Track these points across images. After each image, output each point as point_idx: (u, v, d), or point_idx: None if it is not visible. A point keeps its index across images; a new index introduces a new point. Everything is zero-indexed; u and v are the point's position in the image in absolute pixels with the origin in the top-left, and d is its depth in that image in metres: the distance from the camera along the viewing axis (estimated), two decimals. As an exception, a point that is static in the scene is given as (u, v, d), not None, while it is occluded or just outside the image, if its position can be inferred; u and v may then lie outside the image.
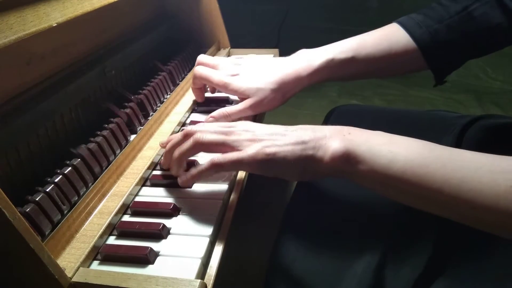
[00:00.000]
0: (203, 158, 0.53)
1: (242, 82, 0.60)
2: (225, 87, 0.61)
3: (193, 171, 0.45)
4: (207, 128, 0.46)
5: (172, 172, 0.49)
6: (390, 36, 0.60)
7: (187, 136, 0.47)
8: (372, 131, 0.43)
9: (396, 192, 0.41)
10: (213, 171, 0.45)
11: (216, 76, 0.62)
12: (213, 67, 0.64)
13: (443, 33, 0.57)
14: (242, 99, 0.61)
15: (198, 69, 0.63)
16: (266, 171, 0.43)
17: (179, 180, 0.47)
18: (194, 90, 0.67)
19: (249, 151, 0.42)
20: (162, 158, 0.51)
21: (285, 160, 0.42)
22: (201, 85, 0.66)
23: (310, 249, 0.51)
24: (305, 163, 0.42)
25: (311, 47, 0.67)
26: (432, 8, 0.60)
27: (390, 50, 0.59)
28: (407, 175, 0.38)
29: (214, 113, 0.61)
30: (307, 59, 0.60)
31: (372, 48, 0.60)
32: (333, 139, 0.42)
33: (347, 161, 0.41)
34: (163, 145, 0.53)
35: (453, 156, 0.38)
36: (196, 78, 0.64)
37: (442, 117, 0.67)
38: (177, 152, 0.47)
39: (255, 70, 0.62)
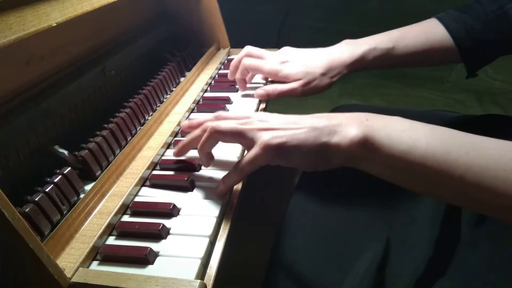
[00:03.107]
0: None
1: (292, 68, 0.65)
2: (276, 74, 0.66)
3: (226, 181, 0.46)
4: (223, 116, 0.47)
5: (202, 163, 0.50)
6: (428, 30, 0.63)
7: (204, 128, 0.47)
8: (390, 117, 0.42)
9: (416, 181, 0.40)
10: (241, 177, 0.46)
11: (266, 64, 0.67)
12: (259, 57, 0.69)
13: (478, 29, 0.60)
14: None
15: (246, 61, 0.68)
16: (281, 161, 0.43)
17: (215, 192, 0.47)
18: (239, 81, 0.71)
19: (261, 144, 0.42)
20: (176, 148, 0.52)
21: (298, 147, 0.42)
22: (246, 75, 0.70)
23: (310, 249, 0.51)
24: (319, 150, 0.41)
25: (311, 47, 0.67)
26: (469, 6, 0.62)
27: (427, 42, 0.62)
28: (428, 162, 0.38)
29: (266, 87, 0.67)
30: (351, 47, 0.65)
31: (411, 40, 0.63)
32: (350, 125, 0.41)
33: (365, 147, 0.40)
34: (184, 127, 0.54)
35: (476, 143, 0.38)
36: (244, 69, 0.68)
37: (442, 117, 0.67)
38: (198, 146, 0.48)
39: (303, 58, 0.66)
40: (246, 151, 0.53)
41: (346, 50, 0.64)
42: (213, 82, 0.78)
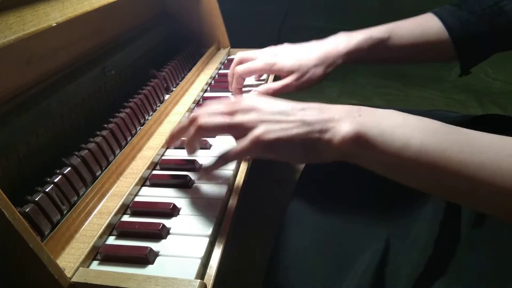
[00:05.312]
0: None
1: (285, 60, 0.64)
2: (270, 68, 0.65)
3: (209, 169, 0.46)
4: (211, 110, 0.45)
5: (187, 152, 0.49)
6: (424, 22, 0.62)
7: (192, 121, 0.46)
8: (384, 110, 0.41)
9: (409, 177, 0.40)
10: (224, 164, 0.45)
11: (258, 63, 0.65)
12: (252, 59, 0.67)
13: (474, 24, 0.59)
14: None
15: (239, 68, 0.66)
16: (271, 155, 0.42)
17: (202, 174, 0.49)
18: (236, 91, 0.69)
19: (252, 139, 0.41)
20: (167, 139, 0.51)
21: (289, 143, 0.41)
22: (242, 83, 0.69)
23: (310, 249, 0.51)
24: (311, 146, 0.41)
25: (311, 46, 0.67)
26: (465, 1, 0.62)
27: (423, 34, 0.62)
28: (421, 160, 0.37)
29: (259, 89, 0.65)
30: (346, 38, 0.63)
31: (406, 31, 0.62)
32: (342, 121, 0.40)
33: (358, 144, 0.39)
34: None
35: (471, 140, 0.37)
36: (240, 76, 0.67)
37: (442, 117, 0.67)
38: (186, 140, 0.47)
39: (296, 50, 0.65)
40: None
41: (341, 40, 0.63)
42: (213, 82, 0.78)
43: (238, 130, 0.43)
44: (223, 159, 0.45)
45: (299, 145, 0.41)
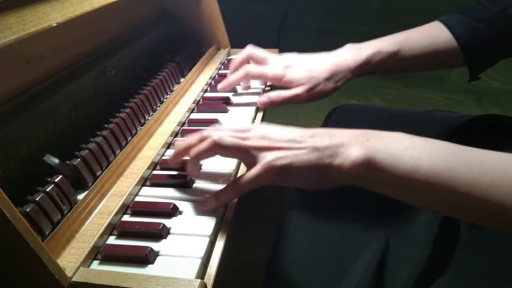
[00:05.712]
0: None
1: (296, 73, 0.64)
2: (280, 79, 0.65)
3: (219, 197, 0.45)
4: (224, 133, 0.45)
5: (187, 170, 0.49)
6: (433, 33, 0.63)
7: (204, 138, 0.46)
8: (391, 133, 0.42)
9: (420, 198, 0.40)
10: (237, 195, 0.45)
11: (270, 70, 0.65)
12: (262, 60, 0.68)
13: (481, 31, 0.60)
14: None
15: (250, 68, 0.66)
16: (283, 182, 0.43)
17: (201, 206, 0.46)
18: (231, 83, 0.69)
19: (264, 165, 0.42)
20: (172, 156, 0.50)
21: (301, 169, 0.41)
22: (247, 82, 0.70)
23: (310, 249, 0.51)
24: (322, 172, 0.41)
25: (311, 47, 0.67)
26: (472, 8, 0.62)
27: (432, 45, 0.62)
28: (431, 181, 0.37)
29: (270, 94, 0.65)
30: (356, 51, 0.64)
31: (416, 43, 0.62)
32: (351, 146, 0.41)
33: (368, 168, 0.40)
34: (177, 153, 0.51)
35: (479, 159, 0.37)
36: (248, 76, 0.67)
37: (442, 117, 0.68)
38: (194, 151, 0.46)
39: (307, 62, 0.65)
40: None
41: (351, 54, 0.63)
42: (213, 82, 0.78)
43: (250, 154, 0.43)
44: (237, 190, 0.44)
45: (310, 171, 0.41)
